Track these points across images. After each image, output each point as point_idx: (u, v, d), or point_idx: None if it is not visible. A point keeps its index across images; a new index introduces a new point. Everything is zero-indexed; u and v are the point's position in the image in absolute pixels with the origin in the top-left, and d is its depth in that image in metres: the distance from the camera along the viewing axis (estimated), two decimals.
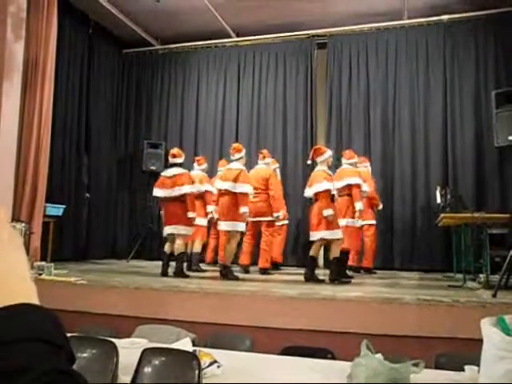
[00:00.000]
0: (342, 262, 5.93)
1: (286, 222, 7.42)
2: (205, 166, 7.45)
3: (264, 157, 6.86)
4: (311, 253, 5.84)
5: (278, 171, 7.34)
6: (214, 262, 7.46)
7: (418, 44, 8.10)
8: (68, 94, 8.10)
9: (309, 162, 6.17)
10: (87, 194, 8.64)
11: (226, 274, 5.74)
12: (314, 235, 5.76)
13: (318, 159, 5.94)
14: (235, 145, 6.41)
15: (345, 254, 6.22)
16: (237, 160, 6.10)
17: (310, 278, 5.65)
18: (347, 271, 6.28)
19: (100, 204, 8.86)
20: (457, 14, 7.80)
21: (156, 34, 9.31)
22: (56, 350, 0.47)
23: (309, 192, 5.97)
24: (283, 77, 8.80)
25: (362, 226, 6.79)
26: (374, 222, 7.10)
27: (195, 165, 7.41)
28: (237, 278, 5.68)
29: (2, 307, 0.48)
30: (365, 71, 8.34)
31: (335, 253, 5.73)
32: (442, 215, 5.80)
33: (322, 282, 5.61)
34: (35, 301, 0.51)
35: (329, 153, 5.99)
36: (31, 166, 6.56)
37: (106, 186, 9.11)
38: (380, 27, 8.31)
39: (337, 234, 5.67)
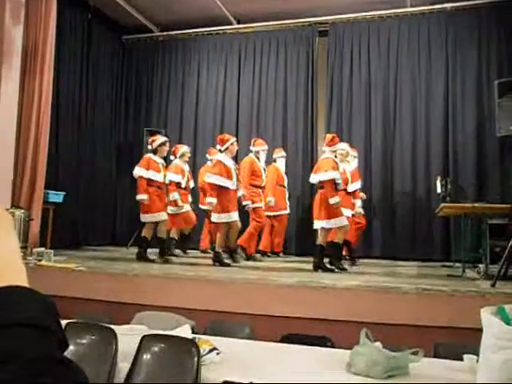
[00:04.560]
0: (340, 249, 5.91)
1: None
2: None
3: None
4: (318, 241, 5.79)
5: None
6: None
7: (421, 32, 8.02)
8: (67, 79, 8.04)
9: (323, 148, 6.09)
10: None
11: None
12: (316, 224, 5.77)
13: (331, 148, 5.88)
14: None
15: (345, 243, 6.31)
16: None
17: (318, 266, 5.58)
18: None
19: (100, 191, 8.85)
20: (460, 2, 7.72)
21: (156, 20, 9.23)
22: (45, 335, 0.45)
23: (314, 178, 5.91)
24: (284, 64, 8.74)
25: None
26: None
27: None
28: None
29: None
30: (366, 59, 8.27)
31: (338, 239, 5.68)
32: (442, 205, 5.79)
33: (331, 271, 5.53)
34: (25, 283, 0.50)
35: (342, 145, 5.96)
36: (30, 152, 6.53)
37: (105, 173, 9.09)
38: (382, 15, 8.22)
39: (339, 221, 5.63)
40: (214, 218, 6.10)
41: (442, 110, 7.77)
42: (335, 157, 5.94)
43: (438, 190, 6.45)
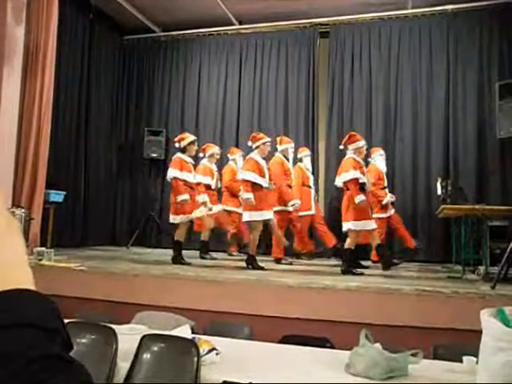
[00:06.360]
0: (355, 253, 5.79)
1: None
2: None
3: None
4: (346, 245, 5.64)
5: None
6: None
7: (422, 34, 8.02)
8: (68, 79, 8.04)
9: (341, 147, 6.08)
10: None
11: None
12: (344, 226, 5.68)
13: (350, 146, 5.84)
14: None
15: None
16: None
17: (347, 270, 5.37)
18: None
19: (100, 191, 8.85)
20: (461, 4, 7.71)
21: (157, 20, 9.22)
22: (49, 336, 0.46)
23: (338, 181, 5.91)
24: (285, 65, 8.74)
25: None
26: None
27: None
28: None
29: None
30: (367, 61, 8.27)
31: (350, 243, 5.58)
32: (443, 206, 5.78)
33: (360, 275, 5.34)
34: (31, 286, 0.51)
35: (363, 142, 5.90)
36: (31, 152, 6.53)
37: (106, 172, 9.10)
38: (383, 17, 8.22)
39: (367, 225, 5.59)
40: (246, 216, 5.83)
41: (442, 112, 7.77)
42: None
43: (439, 192, 6.44)
